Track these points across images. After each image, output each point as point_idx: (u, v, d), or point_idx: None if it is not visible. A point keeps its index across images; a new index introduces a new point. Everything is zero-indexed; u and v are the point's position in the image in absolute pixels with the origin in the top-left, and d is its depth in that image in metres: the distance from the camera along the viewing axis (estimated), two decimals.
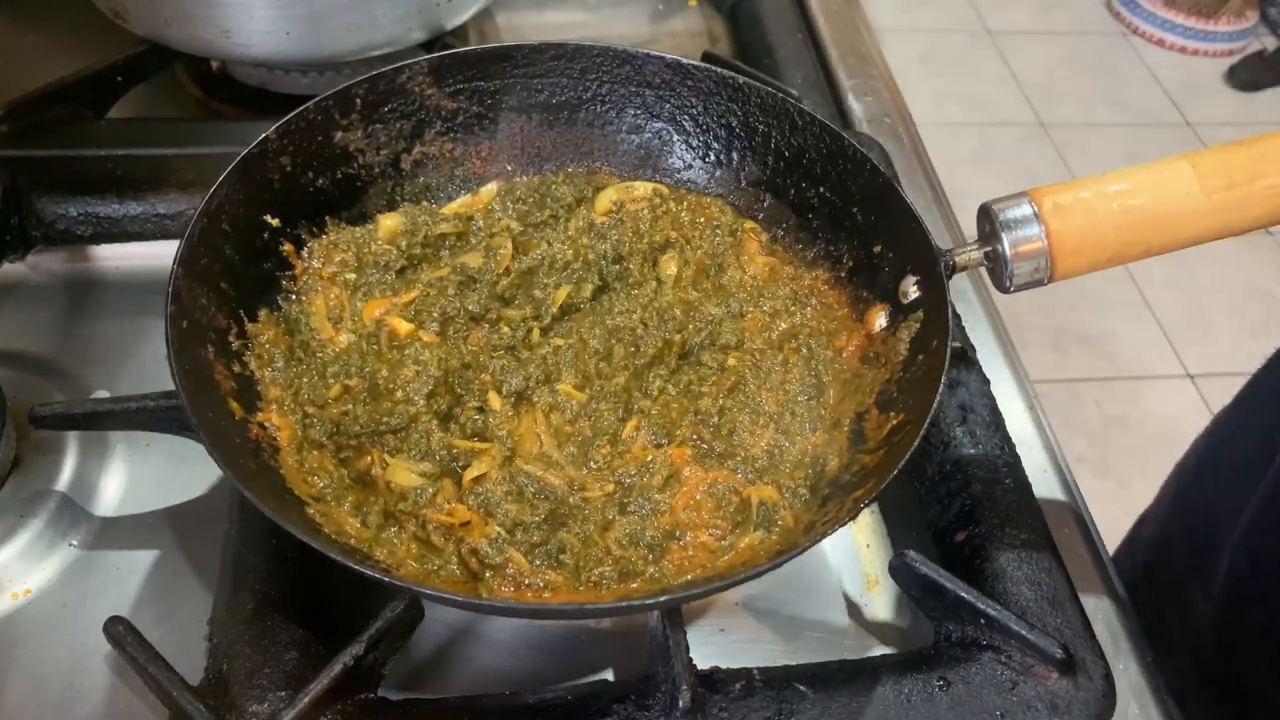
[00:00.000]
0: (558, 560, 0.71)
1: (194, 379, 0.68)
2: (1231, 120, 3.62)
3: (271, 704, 0.65)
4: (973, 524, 0.79)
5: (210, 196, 0.76)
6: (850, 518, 0.66)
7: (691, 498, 0.76)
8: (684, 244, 0.91)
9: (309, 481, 0.73)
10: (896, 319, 0.81)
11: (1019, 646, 0.70)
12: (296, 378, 0.79)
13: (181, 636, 0.72)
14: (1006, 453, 0.83)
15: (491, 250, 0.88)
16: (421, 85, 0.90)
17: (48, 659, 0.72)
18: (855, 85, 1.23)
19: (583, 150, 0.97)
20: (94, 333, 0.92)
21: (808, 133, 0.89)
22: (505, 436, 0.78)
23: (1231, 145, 0.74)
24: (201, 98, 1.17)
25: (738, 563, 0.72)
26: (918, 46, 3.81)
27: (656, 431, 0.79)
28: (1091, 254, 0.75)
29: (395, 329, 0.83)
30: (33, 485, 0.79)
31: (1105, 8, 4.06)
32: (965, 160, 3.37)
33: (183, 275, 0.72)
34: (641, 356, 0.83)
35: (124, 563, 0.78)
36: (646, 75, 0.93)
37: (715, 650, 0.76)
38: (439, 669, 0.75)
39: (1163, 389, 2.78)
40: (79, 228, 0.93)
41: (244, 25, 1.00)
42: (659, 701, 0.67)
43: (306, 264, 0.85)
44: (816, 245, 0.90)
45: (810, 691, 0.69)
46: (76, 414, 0.75)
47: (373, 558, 0.69)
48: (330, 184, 0.87)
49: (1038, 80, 3.71)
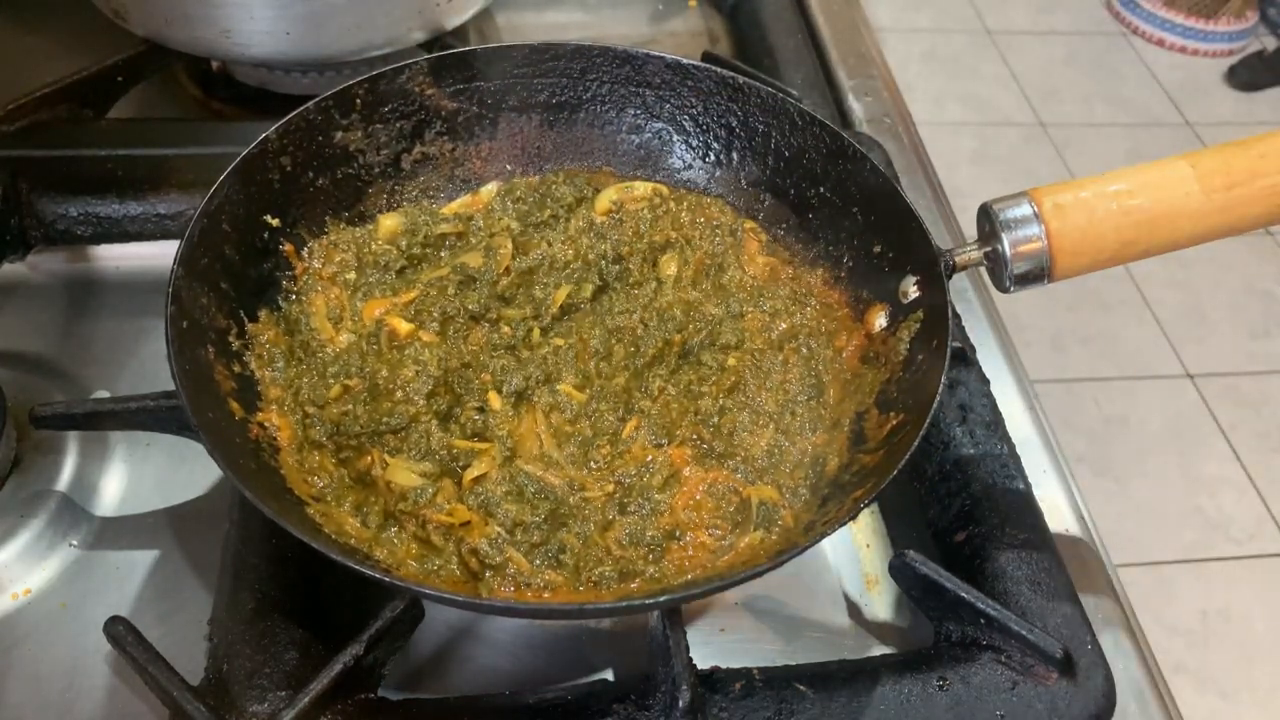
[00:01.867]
0: (558, 560, 0.71)
1: (194, 379, 0.68)
2: (1231, 120, 3.62)
3: (271, 704, 0.65)
4: (973, 524, 0.79)
5: (210, 196, 0.76)
6: (850, 518, 0.66)
7: (691, 498, 0.76)
8: (684, 244, 0.91)
9: (309, 481, 0.73)
10: (896, 319, 0.81)
11: (1019, 646, 0.70)
12: (296, 378, 0.79)
13: (181, 636, 0.72)
14: (1006, 453, 0.83)
15: (491, 250, 0.88)
16: (421, 85, 0.90)
17: (48, 659, 0.72)
18: (855, 85, 1.23)
19: (583, 150, 0.97)
20: (94, 333, 0.92)
21: (808, 133, 0.89)
22: (505, 436, 0.78)
23: (1231, 145, 0.74)
24: (201, 98, 1.17)
25: (738, 563, 0.72)
26: (918, 46, 3.81)
27: (656, 431, 0.79)
28: (1091, 254, 0.75)
29: (395, 329, 0.83)
30: (33, 485, 0.79)
31: (1105, 8, 4.06)
32: (965, 160, 3.37)
33: (183, 275, 0.72)
34: (641, 356, 0.83)
35: (124, 563, 0.78)
36: (646, 75, 0.93)
37: (715, 650, 0.76)
38: (439, 669, 0.75)
39: (1163, 389, 2.77)
40: (79, 228, 0.93)
41: (244, 25, 1.00)
42: (659, 701, 0.67)
43: (306, 264, 0.85)
44: (816, 245, 0.90)
45: (810, 691, 0.69)
46: (76, 414, 0.75)
47: (373, 558, 0.69)
48: (330, 184, 0.87)
49: (1038, 80, 3.71)
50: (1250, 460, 2.63)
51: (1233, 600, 2.36)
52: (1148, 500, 2.52)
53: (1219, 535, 2.48)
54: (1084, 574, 0.82)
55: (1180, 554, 2.43)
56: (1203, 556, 2.44)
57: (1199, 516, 2.51)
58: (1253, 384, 2.79)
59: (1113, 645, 0.77)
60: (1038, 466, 0.88)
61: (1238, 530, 2.49)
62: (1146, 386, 2.78)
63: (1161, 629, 2.28)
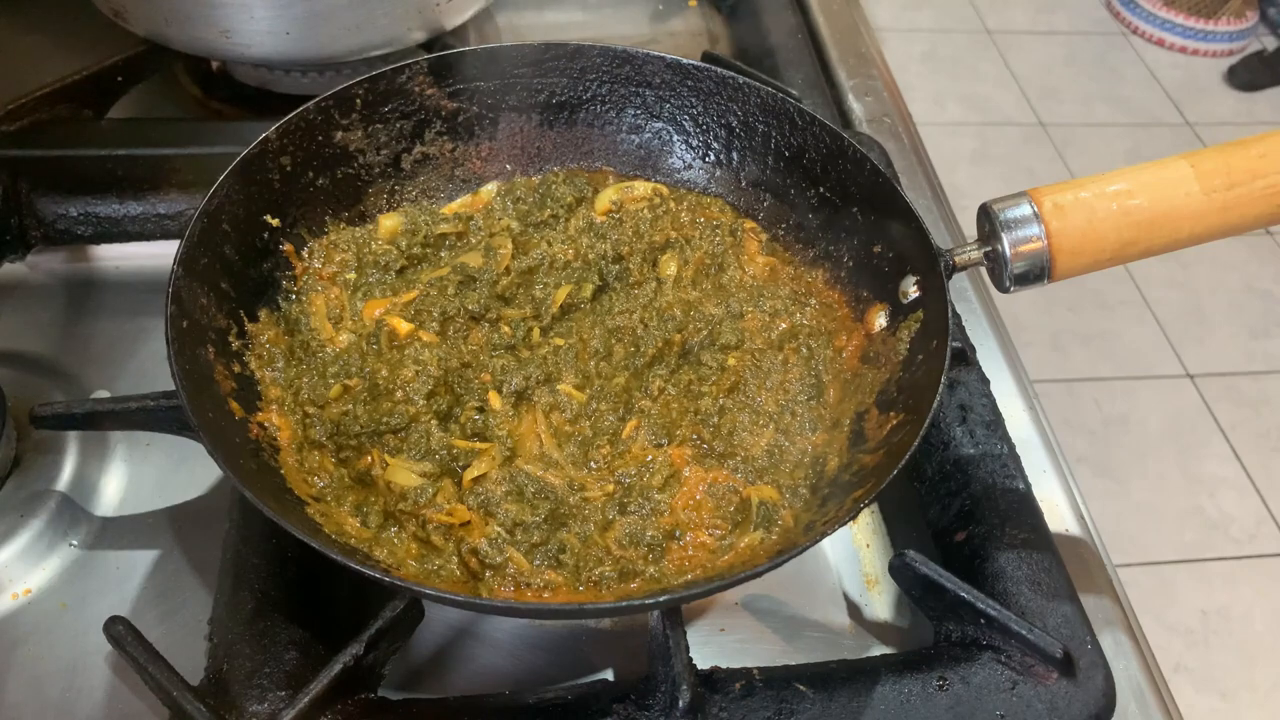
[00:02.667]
0: (558, 560, 0.71)
1: (194, 379, 0.68)
2: (1231, 120, 3.62)
3: (271, 704, 0.65)
4: (973, 524, 0.79)
5: (210, 196, 0.76)
6: (850, 518, 0.66)
7: (691, 498, 0.76)
8: (684, 244, 0.91)
9: (309, 481, 0.73)
10: (896, 319, 0.81)
11: (1019, 646, 0.70)
12: (296, 378, 0.79)
13: (181, 636, 0.72)
14: (1006, 453, 0.83)
15: (491, 250, 0.88)
16: (421, 85, 0.90)
17: (48, 659, 0.72)
18: (855, 85, 1.23)
19: (583, 150, 0.97)
20: (94, 333, 0.92)
21: (808, 133, 0.89)
22: (505, 436, 0.78)
23: (1231, 145, 0.74)
24: (201, 98, 1.17)
25: (738, 563, 0.72)
26: (918, 46, 3.81)
27: (656, 431, 0.79)
28: (1091, 254, 0.75)
29: (395, 329, 0.83)
30: (33, 485, 0.79)
31: (1105, 8, 4.06)
32: (965, 160, 3.37)
33: (183, 275, 0.72)
34: (641, 356, 0.83)
35: (124, 563, 0.78)
36: (646, 75, 0.93)
37: (715, 650, 0.76)
38: (439, 669, 0.75)
39: (1163, 389, 2.77)
40: (79, 228, 0.93)
41: (244, 25, 1.00)
42: (659, 701, 0.67)
43: (306, 264, 0.85)
44: (816, 245, 0.90)
45: (810, 691, 0.69)
46: (76, 414, 0.75)
47: (373, 558, 0.69)
48: (330, 184, 0.87)
49: (1038, 80, 3.71)
50: (1250, 460, 2.63)
51: (1233, 600, 2.36)
52: (1148, 500, 2.52)
53: (1219, 535, 2.48)
54: (1084, 574, 0.82)
55: (1180, 554, 2.43)
56: (1203, 556, 2.44)
57: (1199, 516, 2.51)
58: (1253, 384, 2.79)
59: (1113, 645, 0.77)
60: (1038, 466, 0.88)
61: (1238, 530, 2.49)
62: (1146, 386, 2.78)
63: (1161, 629, 2.28)
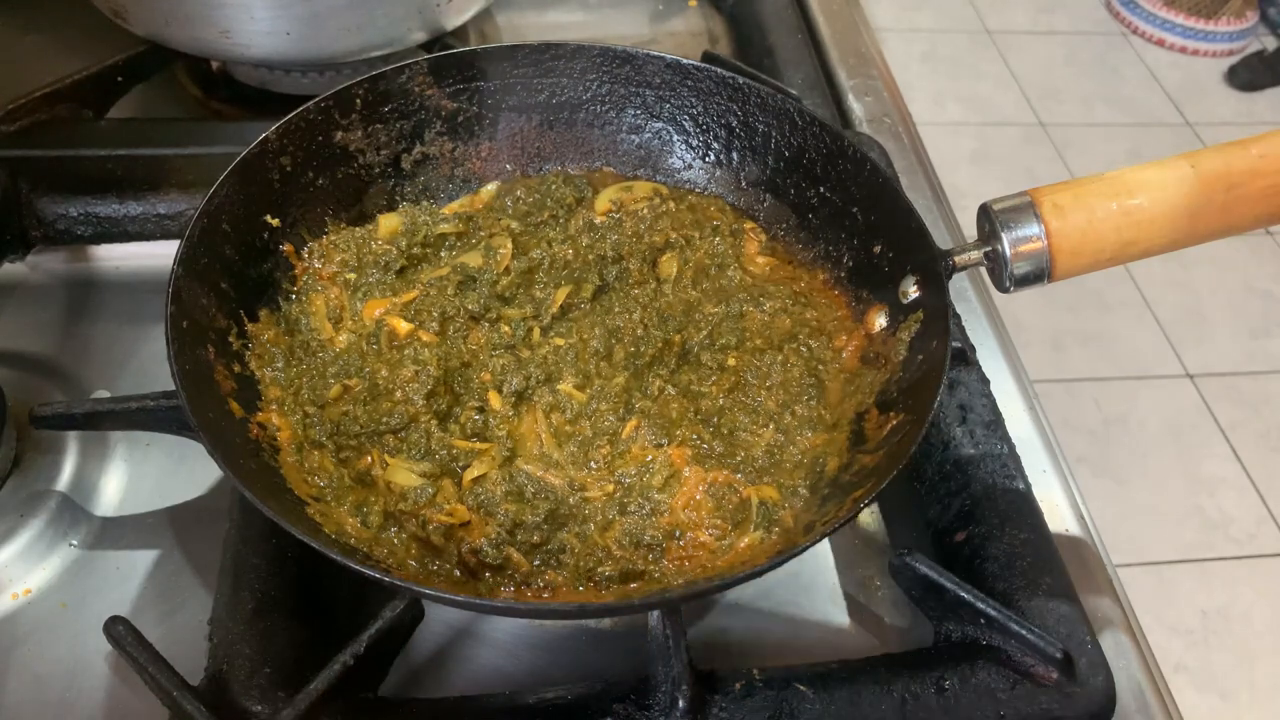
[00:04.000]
0: (558, 560, 0.71)
1: (194, 379, 0.68)
2: (1231, 120, 3.62)
3: (271, 704, 0.65)
4: (973, 524, 0.79)
5: (210, 196, 0.76)
6: (850, 518, 0.66)
7: (691, 498, 0.76)
8: (684, 244, 0.91)
9: (309, 481, 0.73)
10: (896, 319, 0.81)
11: (1019, 646, 0.70)
12: (296, 378, 0.79)
13: (181, 636, 0.72)
14: (1006, 453, 0.83)
15: (491, 250, 0.88)
16: (421, 85, 0.90)
17: (48, 659, 0.72)
18: (855, 85, 1.23)
19: (583, 150, 0.97)
20: (94, 333, 0.92)
21: (808, 133, 0.89)
22: (505, 436, 0.78)
23: (1231, 145, 0.74)
24: (201, 98, 1.17)
25: (738, 563, 0.72)
26: (918, 46, 3.81)
27: (656, 431, 0.79)
28: (1091, 254, 0.75)
29: (395, 329, 0.83)
30: (33, 485, 0.79)
31: (1105, 8, 4.06)
32: (965, 160, 3.37)
33: (183, 275, 0.72)
34: (641, 356, 0.83)
35: (124, 563, 0.78)
36: (646, 75, 0.93)
37: (715, 650, 0.76)
38: (439, 669, 0.75)
39: (1163, 389, 2.77)
40: (79, 228, 0.93)
41: (244, 26, 1.00)
42: (659, 701, 0.67)
43: (306, 264, 0.85)
44: (816, 245, 0.90)
45: (810, 691, 0.69)
46: (76, 414, 0.75)
47: (373, 558, 0.69)
48: (330, 184, 0.87)
49: (1038, 80, 3.71)
50: (1250, 460, 2.63)
51: (1233, 600, 2.36)
52: (1148, 500, 2.52)
53: (1219, 535, 2.48)
54: (1084, 574, 0.82)
55: (1180, 554, 2.43)
56: (1203, 556, 2.44)
57: (1199, 516, 2.51)
58: (1253, 384, 2.79)
59: (1113, 645, 0.77)
60: (1038, 466, 0.88)
61: (1238, 530, 2.49)
62: (1146, 387, 2.78)
63: (1161, 629, 2.28)
